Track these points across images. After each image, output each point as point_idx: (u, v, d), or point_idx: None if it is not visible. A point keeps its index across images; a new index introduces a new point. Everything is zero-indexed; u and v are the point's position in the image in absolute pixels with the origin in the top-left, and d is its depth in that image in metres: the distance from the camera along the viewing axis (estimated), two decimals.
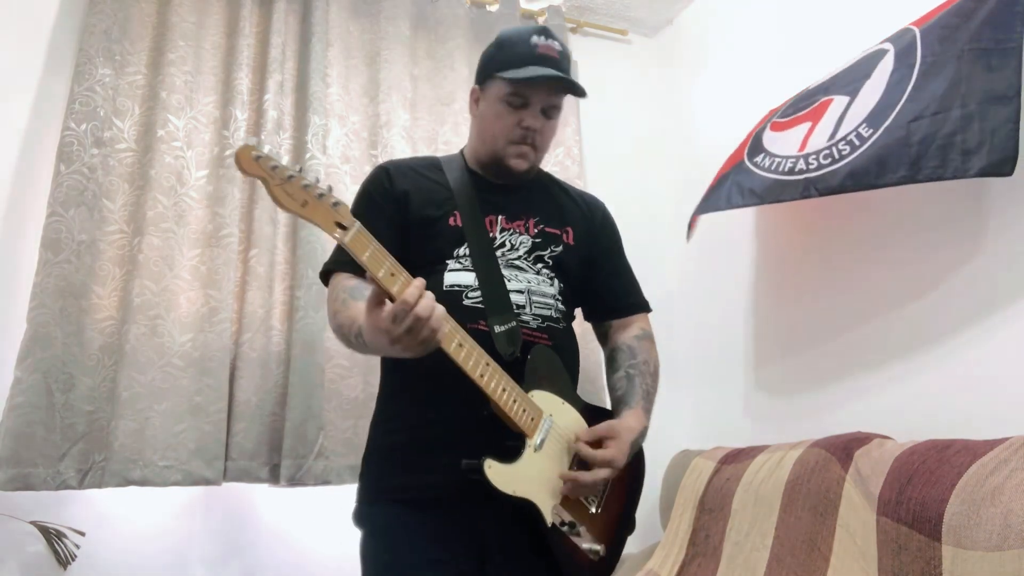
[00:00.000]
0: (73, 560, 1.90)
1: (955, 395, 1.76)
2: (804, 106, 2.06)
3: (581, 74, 2.96)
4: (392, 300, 1.08)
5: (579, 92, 1.35)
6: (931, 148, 1.64)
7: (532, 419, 1.24)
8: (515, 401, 1.21)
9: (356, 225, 1.08)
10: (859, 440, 1.76)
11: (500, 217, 1.37)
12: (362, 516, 1.30)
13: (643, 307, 1.52)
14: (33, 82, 2.16)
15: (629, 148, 2.97)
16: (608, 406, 1.44)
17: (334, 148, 2.40)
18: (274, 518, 2.19)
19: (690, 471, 2.23)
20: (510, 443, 1.22)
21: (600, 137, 2.91)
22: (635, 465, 1.37)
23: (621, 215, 1.58)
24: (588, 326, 1.57)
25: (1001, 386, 1.66)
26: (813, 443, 1.87)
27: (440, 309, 1.08)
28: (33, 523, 1.87)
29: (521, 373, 1.25)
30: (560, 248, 1.40)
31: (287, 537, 2.18)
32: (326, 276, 1.37)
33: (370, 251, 1.08)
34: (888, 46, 1.87)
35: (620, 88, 3.04)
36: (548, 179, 1.53)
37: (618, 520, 1.36)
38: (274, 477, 2.10)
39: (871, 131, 1.78)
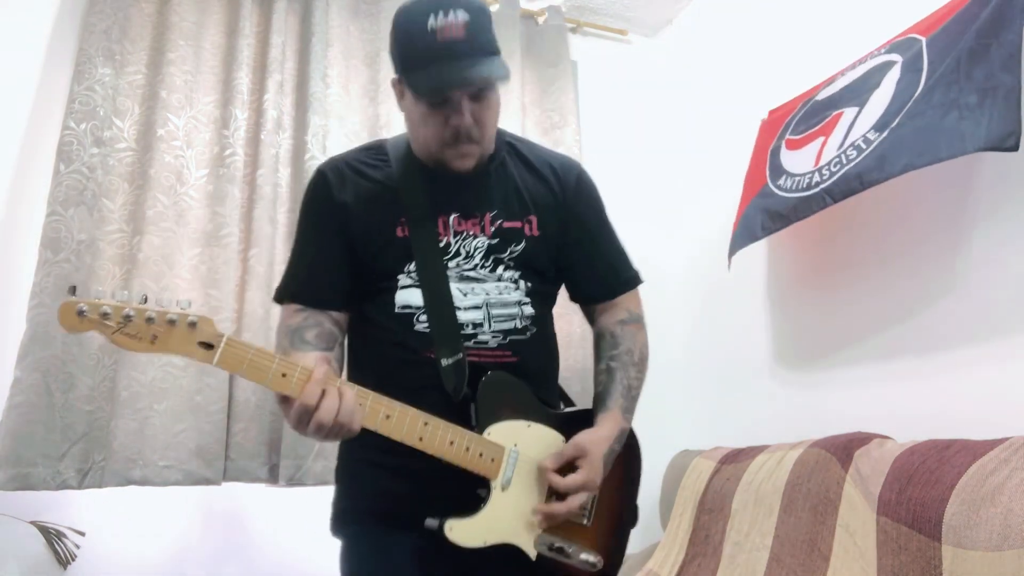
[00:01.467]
0: (73, 560, 1.90)
1: (955, 395, 1.76)
2: (816, 122, 2.08)
3: (581, 74, 2.96)
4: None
5: (497, 79, 1.16)
6: (932, 135, 1.64)
7: (492, 460, 1.16)
8: (467, 449, 1.13)
9: (223, 339, 0.98)
10: (859, 440, 1.76)
11: (453, 217, 1.24)
12: (341, 532, 1.26)
13: (629, 284, 1.38)
14: (33, 81, 2.16)
15: (629, 148, 2.97)
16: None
17: (334, 149, 2.40)
18: (274, 518, 2.19)
19: (690, 471, 2.23)
20: (478, 490, 1.16)
21: (600, 137, 2.91)
22: (627, 458, 1.31)
23: (620, 214, 1.57)
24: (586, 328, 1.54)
25: (1001, 386, 1.66)
26: (813, 443, 1.87)
27: (348, 400, 1.02)
28: (33, 523, 1.87)
29: (476, 409, 1.17)
30: (522, 245, 1.26)
31: (286, 537, 2.18)
32: (280, 300, 1.28)
33: (247, 361, 0.99)
34: (896, 57, 1.88)
35: (620, 88, 3.04)
36: (510, 149, 1.35)
37: (617, 521, 1.32)
38: (273, 477, 2.10)
39: (878, 135, 1.79)
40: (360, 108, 2.50)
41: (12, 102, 2.13)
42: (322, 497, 2.12)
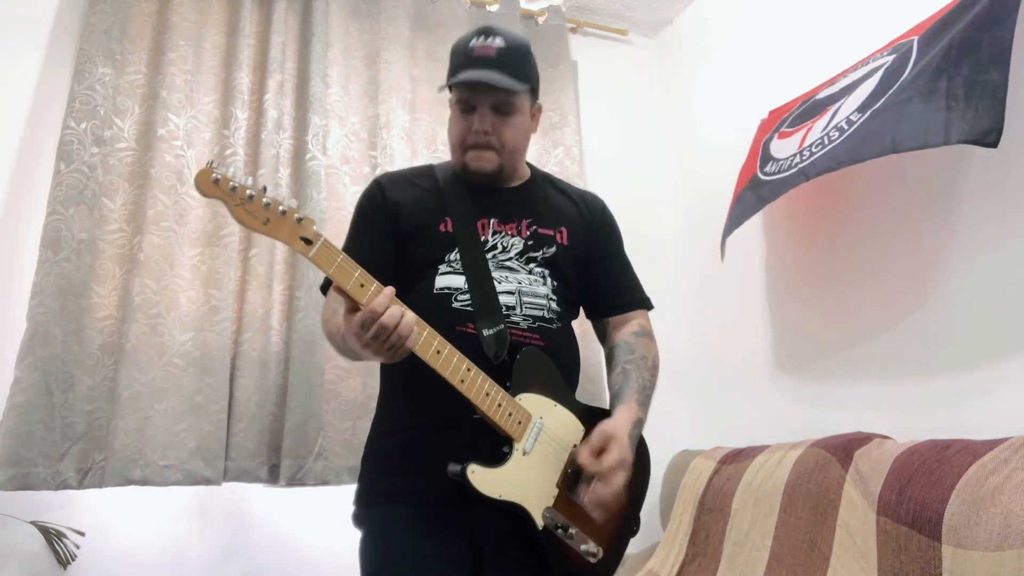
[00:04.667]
0: (73, 560, 1.90)
1: (955, 395, 1.76)
2: (809, 115, 2.09)
3: (581, 74, 2.97)
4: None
5: (509, 88, 1.33)
6: (915, 119, 1.63)
7: (519, 423, 1.24)
8: (499, 405, 1.21)
9: (321, 239, 1.10)
10: (859, 440, 1.76)
11: (492, 220, 1.39)
12: (360, 517, 1.32)
13: (642, 304, 1.52)
14: (33, 81, 2.16)
15: (629, 148, 2.98)
16: (607, 406, 1.42)
17: (334, 149, 2.40)
18: (274, 518, 2.19)
19: (690, 471, 2.23)
20: (504, 448, 1.22)
21: (600, 137, 2.92)
22: (639, 467, 1.35)
23: (621, 215, 1.58)
24: (588, 326, 1.57)
25: (1001, 387, 1.66)
26: (813, 443, 1.87)
27: (410, 316, 1.11)
28: (33, 523, 1.87)
29: (510, 376, 1.25)
30: (553, 249, 1.40)
31: (287, 537, 2.18)
32: (326, 288, 1.40)
33: (337, 263, 1.10)
34: (891, 58, 1.88)
35: (620, 88, 3.04)
36: (543, 179, 1.54)
37: (620, 520, 1.34)
38: (274, 477, 2.10)
39: (860, 116, 1.80)
40: (360, 108, 2.50)
41: (12, 102, 2.13)
42: (323, 497, 2.14)
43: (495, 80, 1.31)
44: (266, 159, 2.27)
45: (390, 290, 1.11)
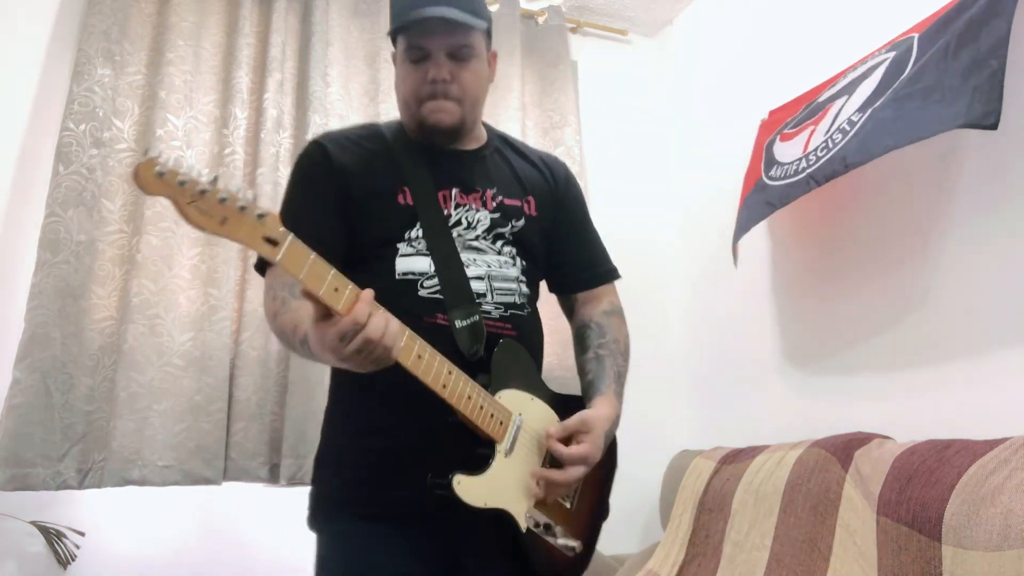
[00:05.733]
0: (73, 560, 1.90)
1: (955, 395, 1.76)
2: (810, 115, 2.09)
3: (581, 74, 2.97)
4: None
5: (469, 24, 1.19)
6: (915, 114, 1.63)
7: (500, 423, 1.16)
8: (481, 407, 1.12)
9: (288, 238, 0.93)
10: (859, 440, 1.76)
11: (454, 191, 1.25)
12: (320, 528, 1.21)
13: (610, 276, 1.42)
14: (32, 82, 2.16)
15: (629, 148, 2.97)
16: (578, 390, 1.35)
17: None
18: (274, 518, 2.19)
19: (690, 471, 2.23)
20: (480, 451, 1.15)
21: (600, 137, 2.91)
22: (608, 454, 1.30)
23: (621, 215, 1.57)
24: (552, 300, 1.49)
25: (1001, 386, 1.66)
26: (813, 443, 1.87)
27: (395, 324, 0.99)
28: (33, 523, 1.87)
29: (486, 370, 1.16)
30: (521, 222, 1.29)
31: (287, 537, 2.18)
32: (262, 267, 1.24)
33: (308, 266, 0.93)
34: (891, 55, 1.88)
35: (620, 88, 3.04)
36: (502, 140, 1.40)
37: (592, 511, 1.32)
38: (274, 476, 2.10)
39: (860, 115, 1.80)
40: (360, 107, 2.50)
41: (11, 103, 2.12)
42: None
43: (453, 16, 1.16)
44: (266, 158, 2.26)
45: (368, 294, 0.96)
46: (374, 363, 0.99)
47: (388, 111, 2.48)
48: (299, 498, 2.13)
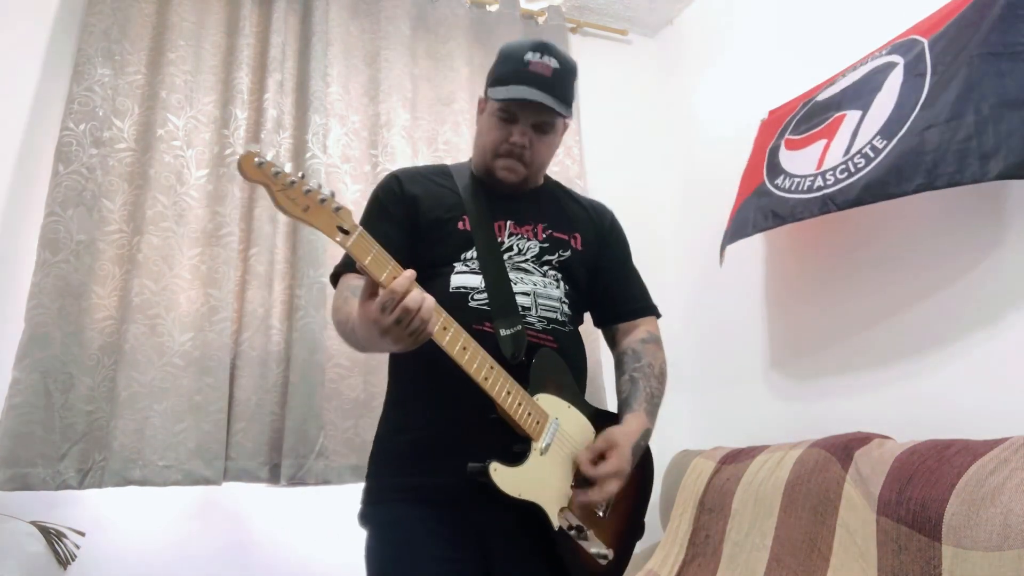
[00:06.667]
0: (73, 560, 1.90)
1: (955, 395, 1.76)
2: (817, 123, 2.07)
3: (581, 74, 2.96)
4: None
5: (560, 113, 1.34)
6: (947, 154, 1.62)
7: (537, 422, 1.24)
8: (520, 404, 1.21)
9: (358, 230, 1.09)
10: (859, 440, 1.76)
11: (509, 222, 1.39)
12: (367, 516, 1.31)
13: (650, 311, 1.53)
14: (32, 82, 2.16)
15: (629, 148, 2.97)
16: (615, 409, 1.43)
17: (334, 147, 2.40)
18: (274, 518, 2.19)
19: (690, 471, 2.23)
20: (517, 447, 1.22)
21: (600, 137, 2.91)
22: (642, 468, 1.37)
23: (621, 215, 1.58)
24: (592, 331, 1.56)
25: (1001, 386, 1.66)
26: (813, 443, 1.87)
27: (430, 301, 1.09)
28: (33, 523, 1.87)
29: (526, 376, 1.25)
30: (568, 253, 1.41)
31: (287, 537, 2.18)
32: (335, 278, 1.39)
33: (372, 255, 1.09)
34: (897, 59, 1.87)
35: (620, 88, 3.04)
36: (556, 186, 1.56)
37: (626, 525, 1.36)
38: (274, 477, 2.10)
39: (885, 142, 1.78)
40: (360, 107, 2.50)
41: (11, 103, 2.13)
42: (323, 497, 2.14)
43: (549, 103, 1.32)
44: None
45: (411, 273, 1.09)
46: (411, 336, 1.08)
47: (388, 111, 2.48)
48: (299, 498, 2.16)
